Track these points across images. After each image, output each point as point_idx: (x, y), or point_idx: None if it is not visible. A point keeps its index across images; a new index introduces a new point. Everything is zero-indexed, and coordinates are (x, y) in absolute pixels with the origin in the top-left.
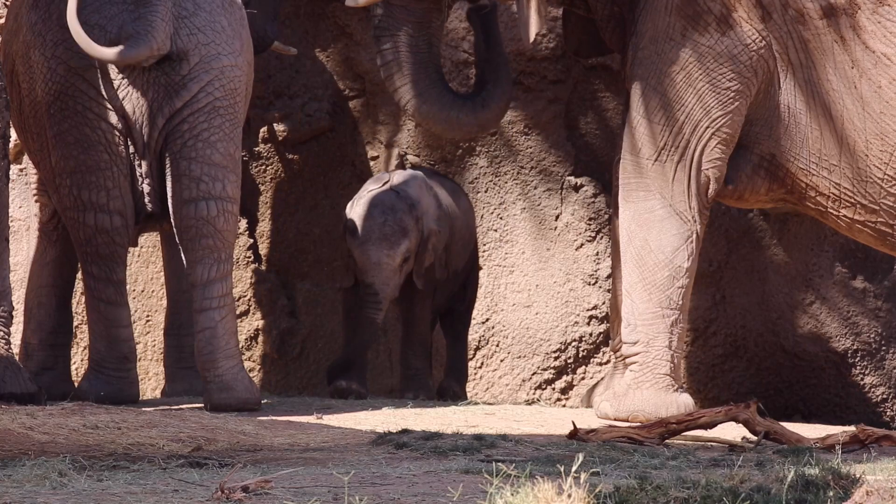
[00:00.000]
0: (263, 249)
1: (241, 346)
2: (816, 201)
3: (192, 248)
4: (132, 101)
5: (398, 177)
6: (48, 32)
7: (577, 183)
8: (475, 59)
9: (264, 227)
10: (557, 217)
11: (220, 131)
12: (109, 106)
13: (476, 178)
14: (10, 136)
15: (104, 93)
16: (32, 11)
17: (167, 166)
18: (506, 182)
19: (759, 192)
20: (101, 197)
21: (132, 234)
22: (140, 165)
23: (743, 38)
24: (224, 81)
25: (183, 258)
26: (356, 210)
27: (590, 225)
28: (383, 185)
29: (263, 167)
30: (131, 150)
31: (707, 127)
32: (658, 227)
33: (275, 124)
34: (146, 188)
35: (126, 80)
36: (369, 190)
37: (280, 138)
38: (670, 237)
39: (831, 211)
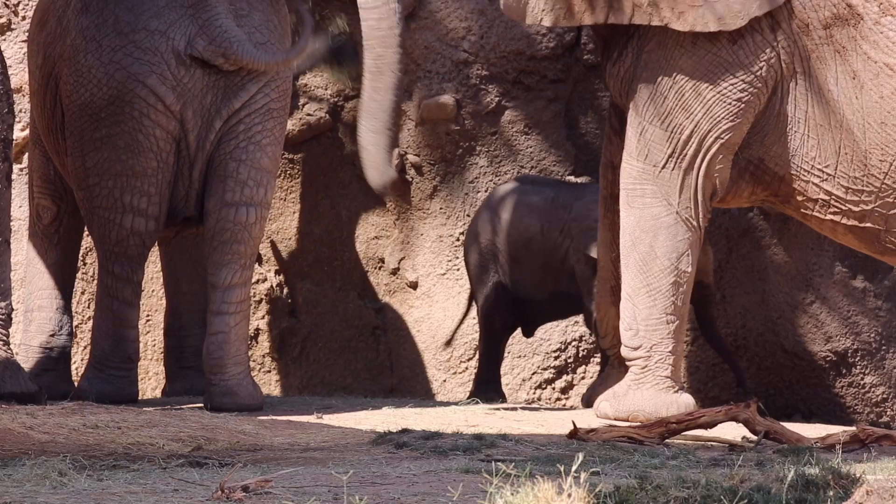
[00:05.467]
0: (263, 249)
1: None
2: (804, 205)
3: (223, 250)
4: (192, 105)
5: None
6: (104, 38)
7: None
8: None
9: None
10: None
11: (271, 134)
12: (169, 112)
13: (476, 178)
14: (12, 140)
15: (164, 99)
16: (83, 16)
17: (213, 167)
18: (506, 182)
19: (742, 194)
20: (143, 202)
21: (165, 237)
22: (192, 169)
23: (754, 48)
24: (279, 82)
25: (207, 256)
26: None
27: None
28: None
29: None
30: (183, 154)
31: (716, 137)
32: (664, 234)
33: None
34: (192, 192)
35: (187, 84)
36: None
37: None
38: (676, 244)
39: (817, 215)
